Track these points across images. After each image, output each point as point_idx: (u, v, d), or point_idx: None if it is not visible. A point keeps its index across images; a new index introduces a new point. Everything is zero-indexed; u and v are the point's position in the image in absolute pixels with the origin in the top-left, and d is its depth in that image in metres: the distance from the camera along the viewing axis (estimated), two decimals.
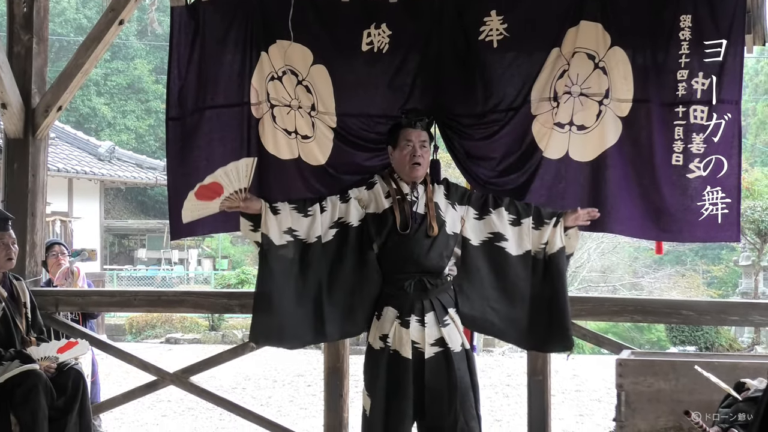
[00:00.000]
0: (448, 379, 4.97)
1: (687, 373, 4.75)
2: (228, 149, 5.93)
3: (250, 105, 5.89)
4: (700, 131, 5.27)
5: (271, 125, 5.87)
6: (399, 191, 5.21)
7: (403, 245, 5.11)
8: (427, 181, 5.27)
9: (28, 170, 6.90)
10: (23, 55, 6.93)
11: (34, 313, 6.19)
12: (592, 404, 12.67)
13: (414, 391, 4.99)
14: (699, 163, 5.29)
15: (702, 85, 5.25)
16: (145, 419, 11.16)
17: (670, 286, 27.99)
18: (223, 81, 5.95)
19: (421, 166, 5.20)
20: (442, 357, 5.01)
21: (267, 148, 5.90)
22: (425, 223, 5.12)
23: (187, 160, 6.01)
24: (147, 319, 22.54)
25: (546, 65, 5.51)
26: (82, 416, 5.83)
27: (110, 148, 24.47)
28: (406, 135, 5.22)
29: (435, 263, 5.10)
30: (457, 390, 4.96)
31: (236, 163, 5.25)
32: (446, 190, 5.30)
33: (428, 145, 5.28)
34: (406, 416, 5.00)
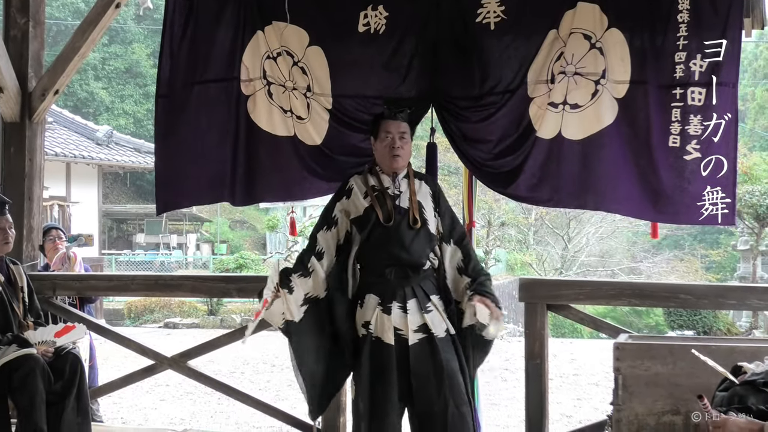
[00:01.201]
0: (434, 365, 4.93)
1: (684, 357, 4.75)
2: (215, 123, 6.05)
3: (240, 81, 5.94)
4: (698, 113, 5.25)
5: (267, 102, 5.93)
6: (380, 185, 5.13)
7: (387, 236, 5.02)
8: (410, 174, 5.17)
9: (25, 154, 6.89)
10: (20, 38, 6.91)
11: (31, 298, 6.17)
12: (589, 388, 12.70)
13: (399, 378, 4.95)
14: (696, 144, 5.27)
15: (700, 68, 5.23)
16: (144, 403, 11.18)
17: (668, 270, 28.07)
18: (213, 58, 6.04)
19: (401, 158, 5.10)
20: (426, 343, 4.95)
21: (260, 124, 5.96)
22: (408, 216, 5.05)
23: (174, 134, 6.14)
24: (145, 304, 22.57)
25: (543, 47, 5.49)
26: (79, 400, 5.82)
27: (108, 133, 24.43)
28: (386, 126, 5.13)
29: (417, 256, 5.03)
30: (444, 375, 4.91)
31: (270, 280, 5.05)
32: (434, 201, 5.20)
33: (408, 137, 5.17)
34: (391, 402, 4.94)
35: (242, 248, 34.20)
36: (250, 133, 5.99)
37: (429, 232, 5.09)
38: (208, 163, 6.14)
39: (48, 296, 6.73)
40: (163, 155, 6.24)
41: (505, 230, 24.98)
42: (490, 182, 5.84)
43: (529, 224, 27.38)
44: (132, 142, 25.70)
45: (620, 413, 4.98)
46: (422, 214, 5.08)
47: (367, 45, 5.80)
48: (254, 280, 7.95)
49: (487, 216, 22.05)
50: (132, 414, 10.67)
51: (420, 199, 5.12)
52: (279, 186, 6.13)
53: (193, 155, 6.16)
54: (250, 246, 37.75)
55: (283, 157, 5.96)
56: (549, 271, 27.39)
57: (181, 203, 6.51)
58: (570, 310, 6.06)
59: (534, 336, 5.90)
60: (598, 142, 5.45)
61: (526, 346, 5.95)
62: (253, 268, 24.09)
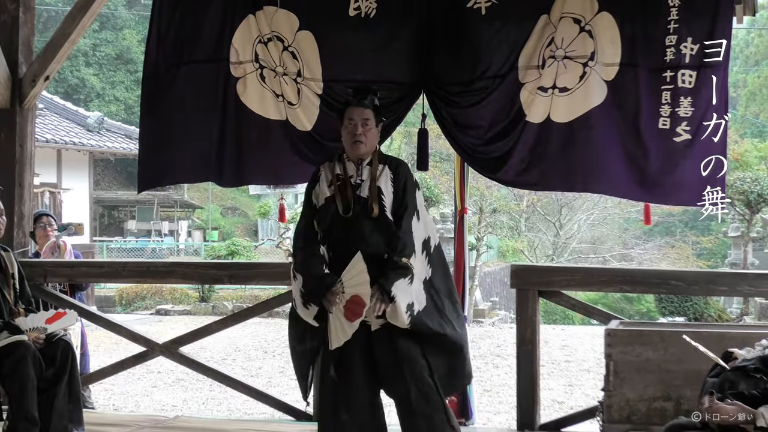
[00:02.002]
0: (393, 351, 4.88)
1: (675, 343, 4.77)
2: (201, 103, 6.09)
3: (229, 63, 5.94)
4: (688, 95, 5.26)
5: (259, 85, 5.95)
6: (344, 174, 4.99)
7: (346, 228, 4.91)
8: (374, 161, 5.00)
9: (15, 141, 6.86)
10: (9, 24, 6.87)
11: (22, 284, 6.15)
12: (581, 374, 12.74)
13: (364, 363, 4.93)
14: (686, 126, 5.28)
15: (690, 50, 5.23)
16: (135, 390, 11.18)
17: (659, 257, 28.12)
18: (202, 39, 6.06)
19: (363, 144, 4.94)
20: (385, 330, 4.91)
21: (251, 107, 5.99)
22: (367, 206, 4.90)
23: (160, 113, 6.18)
24: (137, 291, 22.56)
25: (534, 33, 5.49)
26: (71, 387, 5.81)
27: (99, 119, 24.35)
28: (350, 113, 4.97)
29: (376, 247, 4.87)
30: (403, 360, 4.88)
31: (354, 265, 4.86)
32: (393, 175, 4.99)
33: (372, 123, 4.97)
34: (355, 386, 4.91)
35: (234, 235, 34.17)
36: (240, 115, 6.00)
37: (388, 221, 4.91)
38: (193, 142, 6.16)
39: (39, 283, 6.72)
40: (147, 134, 6.30)
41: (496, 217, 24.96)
42: (481, 168, 5.86)
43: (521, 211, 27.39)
44: (123, 129, 25.60)
45: (611, 399, 5.00)
46: (381, 201, 4.91)
47: (357, 29, 5.80)
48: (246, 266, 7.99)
49: (479, 203, 22.03)
50: (123, 401, 10.67)
51: (381, 185, 4.94)
52: (269, 169, 6.15)
53: (178, 134, 6.18)
54: (242, 233, 37.73)
55: (274, 141, 5.96)
56: (540, 258, 27.43)
57: (162, 181, 6.57)
58: (561, 297, 6.07)
59: (525, 322, 5.90)
60: (586, 123, 5.45)
61: (518, 332, 5.96)
62: (245, 255, 24.08)
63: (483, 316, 19.82)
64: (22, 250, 6.82)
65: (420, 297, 4.82)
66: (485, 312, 20.42)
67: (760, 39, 43.91)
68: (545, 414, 6.87)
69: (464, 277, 6.07)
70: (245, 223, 40.65)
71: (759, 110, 42.59)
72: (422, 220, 4.95)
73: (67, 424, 5.72)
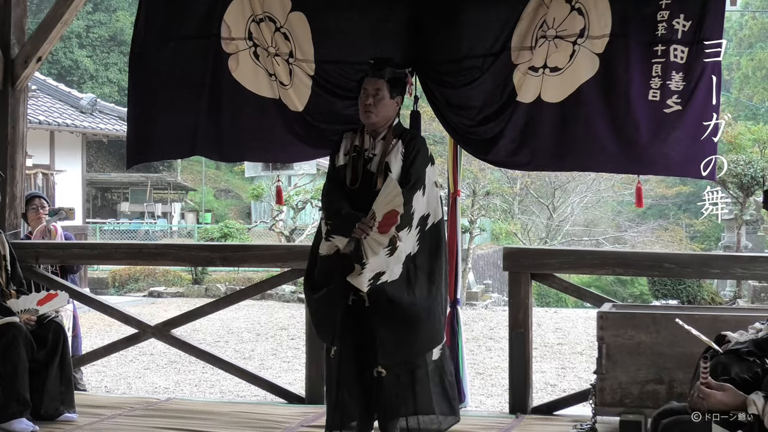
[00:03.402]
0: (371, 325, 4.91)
1: (668, 326, 4.77)
2: (190, 78, 6.08)
3: (221, 38, 5.93)
4: (680, 70, 5.22)
5: (252, 63, 5.94)
6: (360, 145, 5.04)
7: (352, 199, 4.95)
8: (388, 136, 5.02)
9: (7, 122, 6.83)
10: (2, 5, 6.84)
11: (14, 266, 6.14)
12: (573, 357, 12.76)
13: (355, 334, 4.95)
14: (677, 99, 5.24)
15: (683, 27, 5.19)
16: (127, 372, 11.18)
17: (653, 240, 28.14)
18: (191, 15, 6.05)
19: (373, 114, 4.97)
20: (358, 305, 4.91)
21: (243, 84, 5.98)
22: (374, 180, 4.94)
23: (147, 89, 6.17)
24: (130, 273, 22.55)
25: (526, 13, 5.47)
26: (62, 369, 5.81)
27: (92, 101, 24.26)
28: (365, 84, 5.03)
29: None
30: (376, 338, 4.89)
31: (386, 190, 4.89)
32: (405, 149, 5.01)
33: (383, 93, 4.99)
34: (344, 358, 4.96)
35: (227, 217, 34.13)
36: (232, 91, 5.99)
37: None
38: (181, 116, 6.16)
39: (31, 265, 6.70)
40: (134, 109, 6.29)
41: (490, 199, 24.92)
42: (473, 149, 5.86)
43: (514, 193, 27.35)
44: (116, 111, 25.50)
45: (604, 382, 5.01)
46: (387, 175, 4.92)
47: (350, 10, 5.78)
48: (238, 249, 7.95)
49: (472, 185, 22.00)
50: (116, 383, 10.67)
51: (390, 159, 4.96)
52: (263, 146, 6.15)
53: (165, 110, 6.19)
54: (235, 215, 37.69)
55: (268, 119, 5.97)
56: (534, 241, 27.42)
57: (149, 156, 6.57)
58: (554, 279, 6.07)
59: (518, 305, 5.90)
60: (576, 100, 5.44)
61: (510, 315, 5.96)
62: (238, 237, 24.07)
63: (476, 299, 19.85)
64: (13, 232, 6.81)
65: (395, 269, 4.83)
66: (478, 295, 20.45)
67: (754, 22, 43.84)
68: (538, 397, 6.89)
69: (457, 259, 6.06)
70: (238, 206, 40.63)
71: (752, 93, 42.60)
72: (427, 195, 4.96)
73: (58, 406, 5.73)
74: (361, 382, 4.97)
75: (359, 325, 4.91)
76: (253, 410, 6.02)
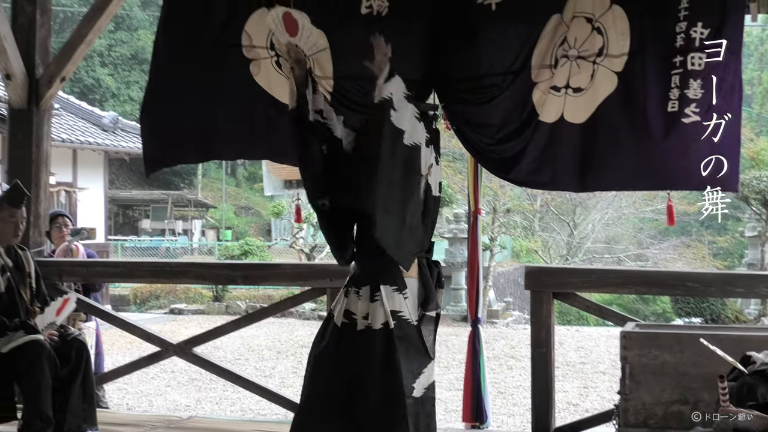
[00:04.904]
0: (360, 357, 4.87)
1: (692, 346, 4.74)
2: (209, 83, 6.08)
3: (241, 46, 5.96)
4: (698, 77, 5.18)
5: (274, 71, 5.95)
6: None
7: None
8: None
9: (31, 141, 6.89)
10: (27, 26, 6.91)
11: (39, 284, 6.18)
12: (596, 376, 12.69)
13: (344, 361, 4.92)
14: (696, 108, 5.21)
15: (701, 35, 5.16)
16: (149, 390, 11.20)
17: (675, 257, 27.98)
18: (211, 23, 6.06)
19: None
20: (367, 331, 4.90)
21: (266, 88, 5.99)
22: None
23: (165, 95, 6.18)
24: (151, 290, 22.60)
25: (546, 31, 5.45)
26: (85, 386, 5.83)
27: (114, 119, 24.39)
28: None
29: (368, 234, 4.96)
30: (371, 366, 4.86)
31: (311, 26, 5.04)
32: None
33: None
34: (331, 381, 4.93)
35: (247, 234, 34.20)
36: (253, 93, 5.96)
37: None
38: (198, 119, 6.17)
39: (54, 282, 6.73)
40: (151, 116, 6.31)
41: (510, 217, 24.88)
42: (493, 167, 5.83)
43: (535, 211, 27.30)
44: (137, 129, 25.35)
45: (627, 402, 4.98)
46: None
47: (369, 28, 5.75)
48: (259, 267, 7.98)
49: (492, 203, 21.96)
50: (137, 400, 10.69)
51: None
52: (282, 147, 6.10)
53: (182, 115, 6.18)
54: (255, 232, 37.76)
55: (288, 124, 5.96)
56: (554, 258, 27.36)
57: (165, 163, 6.62)
58: (576, 298, 6.05)
59: (540, 324, 5.88)
60: (597, 119, 5.41)
61: (532, 334, 5.94)
62: (258, 255, 24.08)
63: (497, 317, 19.79)
64: (38, 250, 6.84)
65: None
66: (499, 313, 20.39)
67: None
68: (560, 417, 6.86)
69: (478, 277, 6.05)
70: (259, 223, 40.72)
71: None
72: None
73: (81, 424, 5.75)
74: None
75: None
76: (274, 429, 6.02)
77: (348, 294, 4.94)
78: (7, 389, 5.66)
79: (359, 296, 4.89)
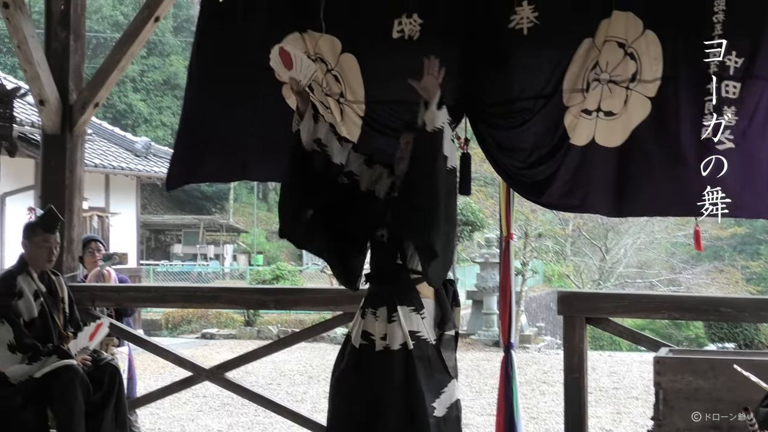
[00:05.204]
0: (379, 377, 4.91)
1: (726, 372, 4.70)
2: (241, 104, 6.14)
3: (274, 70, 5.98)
4: (732, 104, 5.15)
5: None
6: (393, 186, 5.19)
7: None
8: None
9: (65, 166, 6.95)
10: (60, 52, 6.98)
11: (72, 309, 6.22)
12: (629, 402, 12.58)
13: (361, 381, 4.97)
14: (730, 135, 5.17)
15: (735, 63, 5.15)
16: (181, 414, 11.20)
17: (708, 282, 27.78)
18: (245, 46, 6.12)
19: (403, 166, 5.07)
20: (385, 352, 4.94)
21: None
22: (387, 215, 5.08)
23: (199, 116, 6.26)
24: (183, 315, 22.67)
25: (578, 56, 5.44)
26: (118, 411, 5.85)
27: (146, 144, 24.56)
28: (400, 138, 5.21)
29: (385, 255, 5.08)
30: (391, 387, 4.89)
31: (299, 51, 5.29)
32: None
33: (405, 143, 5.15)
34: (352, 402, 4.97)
35: (279, 259, 34.28)
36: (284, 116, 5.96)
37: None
38: (228, 139, 6.22)
39: (87, 307, 6.77)
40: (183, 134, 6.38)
41: (542, 241, 24.83)
42: (524, 191, 5.82)
43: (567, 235, 27.21)
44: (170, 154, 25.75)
45: (661, 428, 4.93)
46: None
47: (400, 52, 5.79)
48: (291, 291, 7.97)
49: (524, 227, 21.91)
50: (169, 425, 10.69)
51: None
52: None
53: (213, 134, 6.23)
54: (287, 257, 37.85)
55: None
56: (586, 283, 27.24)
57: (191, 180, 6.65)
58: (609, 323, 6.02)
59: (573, 349, 5.86)
60: (631, 144, 5.39)
61: (565, 359, 5.91)
62: (290, 279, 24.12)
63: (529, 342, 19.70)
64: (71, 275, 6.89)
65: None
66: (531, 338, 20.30)
67: None
68: None
69: (511, 302, 6.03)
70: (290, 248, 40.73)
71: None
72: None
73: None
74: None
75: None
76: None
77: (365, 315, 5.02)
78: (41, 414, 5.69)
79: (376, 317, 4.96)
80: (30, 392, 5.67)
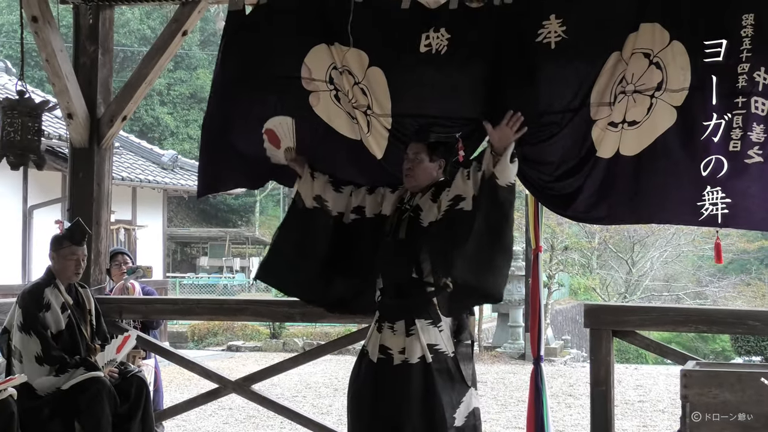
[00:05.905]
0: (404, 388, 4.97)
1: (753, 385, 4.68)
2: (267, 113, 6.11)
3: (301, 78, 5.99)
4: (761, 122, 5.12)
5: (333, 104, 5.96)
6: (401, 201, 5.40)
7: (382, 250, 5.29)
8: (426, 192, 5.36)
9: (93, 179, 7.00)
10: (89, 66, 7.03)
11: (99, 321, 6.26)
12: (655, 415, 12.52)
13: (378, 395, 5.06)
14: (759, 150, 5.14)
15: (764, 80, 5.12)
16: (207, 427, 11.23)
17: (734, 295, 27.65)
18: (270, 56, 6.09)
19: (412, 178, 5.34)
20: (404, 366, 4.98)
21: (326, 120, 6.02)
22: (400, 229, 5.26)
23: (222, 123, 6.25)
24: (209, 327, 22.73)
25: (605, 69, 5.41)
26: (144, 423, 5.88)
27: (173, 157, 24.66)
28: (408, 148, 5.44)
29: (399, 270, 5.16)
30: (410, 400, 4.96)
31: (281, 119, 5.75)
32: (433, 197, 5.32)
33: (422, 157, 5.35)
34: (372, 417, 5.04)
35: None
36: (313, 126, 6.00)
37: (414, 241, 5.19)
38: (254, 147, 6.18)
39: (114, 320, 6.79)
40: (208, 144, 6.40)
41: (568, 254, 24.77)
42: (551, 204, 5.81)
43: (593, 248, 27.15)
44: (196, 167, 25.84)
45: None
46: (412, 221, 5.27)
47: (428, 65, 5.79)
48: None
49: (550, 240, 21.88)
50: None
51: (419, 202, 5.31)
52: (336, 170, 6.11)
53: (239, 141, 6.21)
54: None
55: (347, 153, 5.97)
56: (613, 296, 27.15)
57: (218, 188, 6.81)
58: (635, 336, 5.99)
59: (599, 362, 5.84)
60: (654, 152, 5.36)
61: (592, 372, 5.89)
62: None
63: (555, 355, 19.63)
64: (98, 287, 6.93)
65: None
66: (557, 351, 20.22)
67: None
68: None
69: (539, 315, 6.02)
70: None
71: None
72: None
73: None
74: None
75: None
76: None
77: (381, 329, 5.07)
78: (68, 426, 5.72)
79: (394, 331, 5.01)
80: (57, 404, 5.71)
